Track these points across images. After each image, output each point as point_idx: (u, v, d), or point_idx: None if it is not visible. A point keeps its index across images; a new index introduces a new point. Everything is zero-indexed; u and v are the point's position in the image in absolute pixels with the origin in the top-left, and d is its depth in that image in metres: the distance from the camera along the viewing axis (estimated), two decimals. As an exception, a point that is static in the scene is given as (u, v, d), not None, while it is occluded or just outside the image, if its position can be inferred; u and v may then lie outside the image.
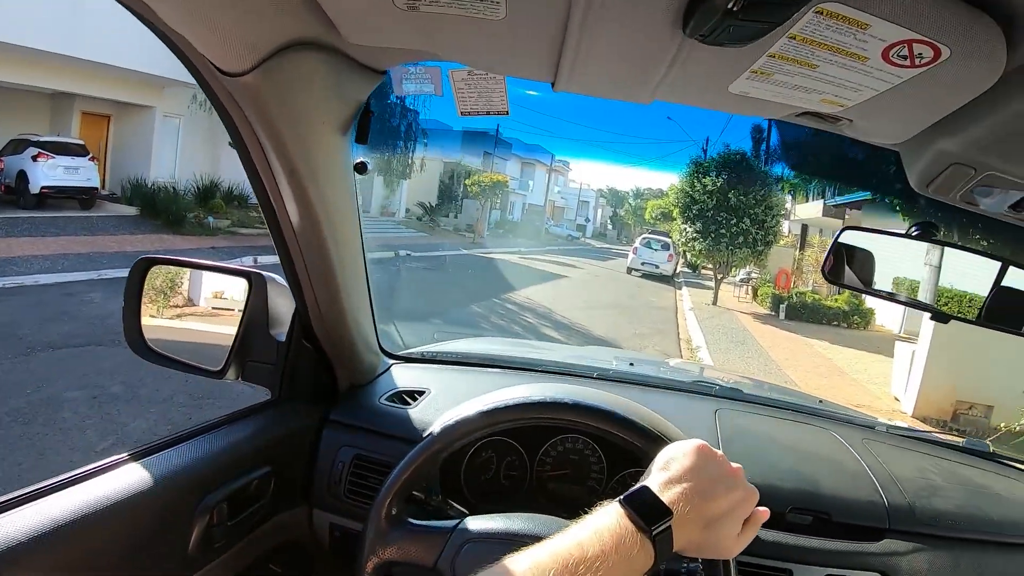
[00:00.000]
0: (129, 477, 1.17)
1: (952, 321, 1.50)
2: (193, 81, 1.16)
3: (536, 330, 12.79)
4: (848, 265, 1.50)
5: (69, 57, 16.05)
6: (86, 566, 1.06)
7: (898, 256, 1.50)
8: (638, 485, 0.92)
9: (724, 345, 13.23)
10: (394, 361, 1.98)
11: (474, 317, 12.97)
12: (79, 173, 17.62)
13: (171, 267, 1.64)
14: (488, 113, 1.33)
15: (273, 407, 1.62)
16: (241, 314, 1.56)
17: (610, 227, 49.61)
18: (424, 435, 1.38)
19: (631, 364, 2.37)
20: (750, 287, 21.34)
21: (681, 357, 11.45)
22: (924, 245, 1.42)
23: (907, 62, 0.78)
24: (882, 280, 1.50)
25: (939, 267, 1.54)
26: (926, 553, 1.45)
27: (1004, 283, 1.39)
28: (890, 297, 1.55)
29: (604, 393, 1.35)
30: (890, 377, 11.48)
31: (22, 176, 17.02)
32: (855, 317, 18.29)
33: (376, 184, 27.70)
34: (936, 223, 1.34)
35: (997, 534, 1.52)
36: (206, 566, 1.31)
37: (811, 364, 12.76)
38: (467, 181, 32.14)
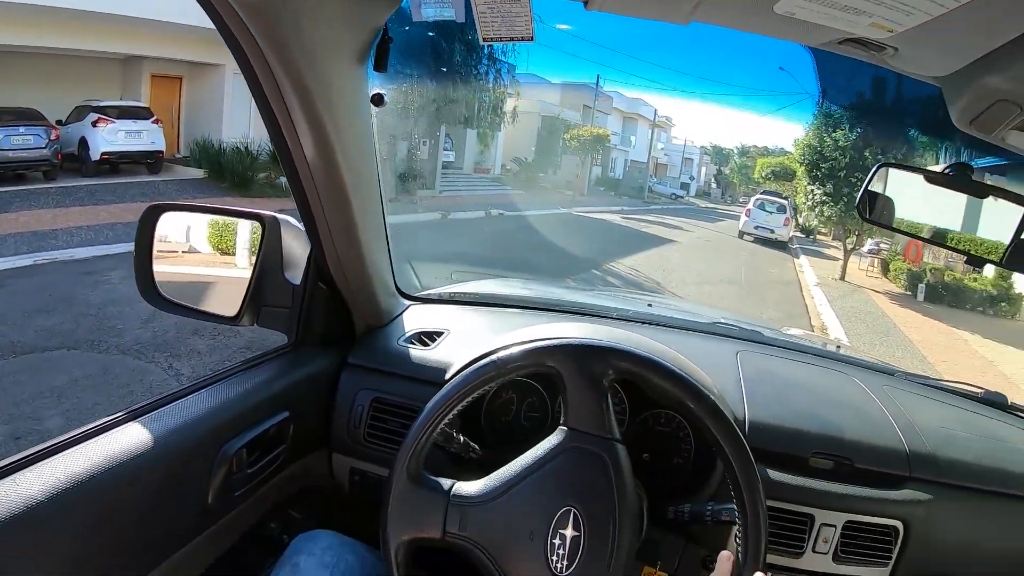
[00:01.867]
0: (147, 428, 1.16)
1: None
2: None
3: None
4: (882, 201, 1.50)
5: (136, 19, 15.81)
6: (106, 519, 1.05)
7: (939, 198, 1.45)
8: None
9: (867, 337, 11.63)
10: (411, 302, 1.96)
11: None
12: (142, 137, 17.26)
13: (183, 213, 1.65)
14: (512, 39, 1.22)
15: (290, 352, 1.62)
16: (255, 258, 1.55)
17: (714, 186, 48.27)
18: (446, 378, 1.48)
19: (649, 305, 2.37)
20: (879, 260, 19.41)
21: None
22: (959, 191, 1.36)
23: None
24: (918, 220, 1.52)
25: (976, 212, 1.43)
26: (946, 503, 1.46)
27: None
28: (924, 239, 1.56)
29: (639, 337, 1.31)
30: None
31: (83, 143, 16.74)
32: (1002, 304, 16.34)
33: (469, 139, 27.16)
34: (970, 165, 1.31)
35: (1014, 487, 1.52)
36: (226, 515, 1.31)
37: (975, 370, 10.82)
38: (566, 136, 31.45)
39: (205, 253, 1.68)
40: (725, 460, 1.12)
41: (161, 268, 1.53)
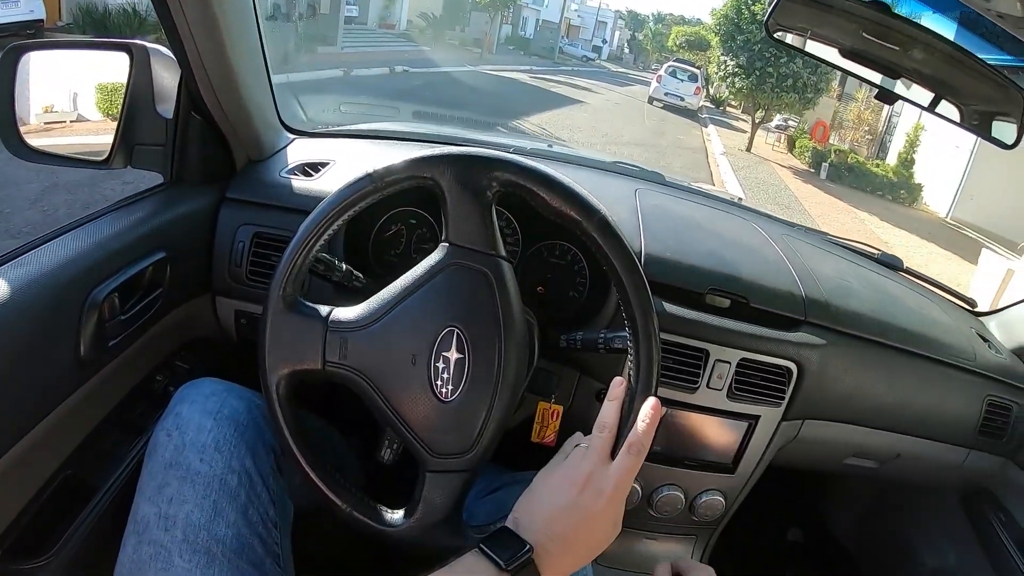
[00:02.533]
0: (5, 278, 1.06)
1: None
2: None
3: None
4: (794, 22, 1.45)
5: None
6: None
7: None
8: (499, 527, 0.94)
9: (768, 207, 11.59)
10: (297, 136, 1.82)
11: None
12: (19, 6, 15.82)
13: (49, 52, 1.46)
14: None
15: (166, 189, 1.49)
16: (124, 93, 1.39)
17: (627, 51, 49.11)
18: None
19: (549, 146, 2.35)
20: (786, 136, 20.03)
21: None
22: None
23: None
24: (828, 49, 1.45)
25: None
26: (838, 348, 1.49)
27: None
28: (835, 65, 1.48)
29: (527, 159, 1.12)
30: (963, 285, 9.84)
31: None
32: (902, 191, 17.13)
33: None
34: (887, 4, 1.24)
35: (904, 342, 1.59)
36: (104, 368, 1.23)
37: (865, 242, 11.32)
38: None
39: (96, 120, 1.55)
40: (616, 279, 1.04)
41: (49, 141, 1.43)
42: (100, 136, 1.52)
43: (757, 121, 18.46)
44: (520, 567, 0.87)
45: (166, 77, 1.46)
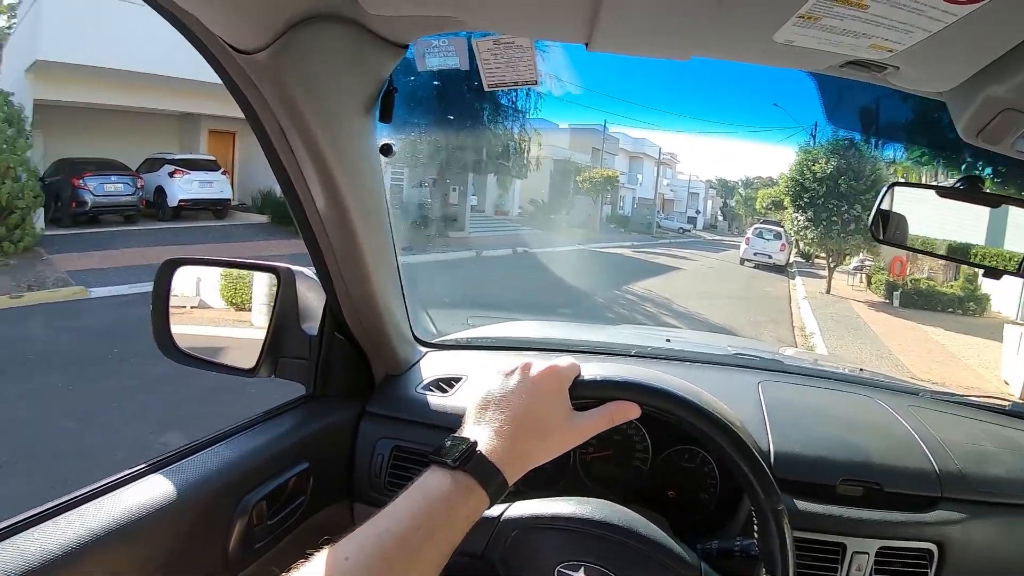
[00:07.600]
0: (164, 482, 1.15)
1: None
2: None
3: (656, 318, 13.45)
4: (894, 221, 1.51)
5: (193, 80, 16.38)
6: (124, 574, 1.03)
7: (951, 213, 1.44)
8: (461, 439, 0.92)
9: (838, 332, 13.33)
10: (429, 349, 1.91)
11: (599, 308, 13.72)
12: (212, 186, 19.08)
13: (198, 267, 1.63)
14: (516, 84, 1.28)
15: (309, 402, 1.60)
16: (271, 310, 1.53)
17: (721, 218, 48.96)
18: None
19: (668, 340, 2.26)
20: (864, 275, 21.18)
21: (796, 345, 11.71)
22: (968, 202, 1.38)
23: None
24: (931, 237, 1.53)
25: (1002, 225, 1.45)
26: (980, 521, 1.40)
27: None
28: (938, 255, 1.66)
29: (664, 375, 1.11)
30: (1000, 361, 11.26)
31: (160, 191, 18.63)
32: (970, 303, 17.93)
33: (490, 184, 28.45)
34: (981, 177, 1.30)
35: None
36: (248, 567, 1.28)
37: (924, 350, 12.69)
38: (578, 178, 32.42)
39: (217, 308, 1.68)
40: (751, 493, 1.03)
41: (174, 327, 1.51)
42: (221, 327, 1.70)
43: (833, 265, 19.97)
44: (466, 460, 0.87)
45: (311, 297, 1.58)
